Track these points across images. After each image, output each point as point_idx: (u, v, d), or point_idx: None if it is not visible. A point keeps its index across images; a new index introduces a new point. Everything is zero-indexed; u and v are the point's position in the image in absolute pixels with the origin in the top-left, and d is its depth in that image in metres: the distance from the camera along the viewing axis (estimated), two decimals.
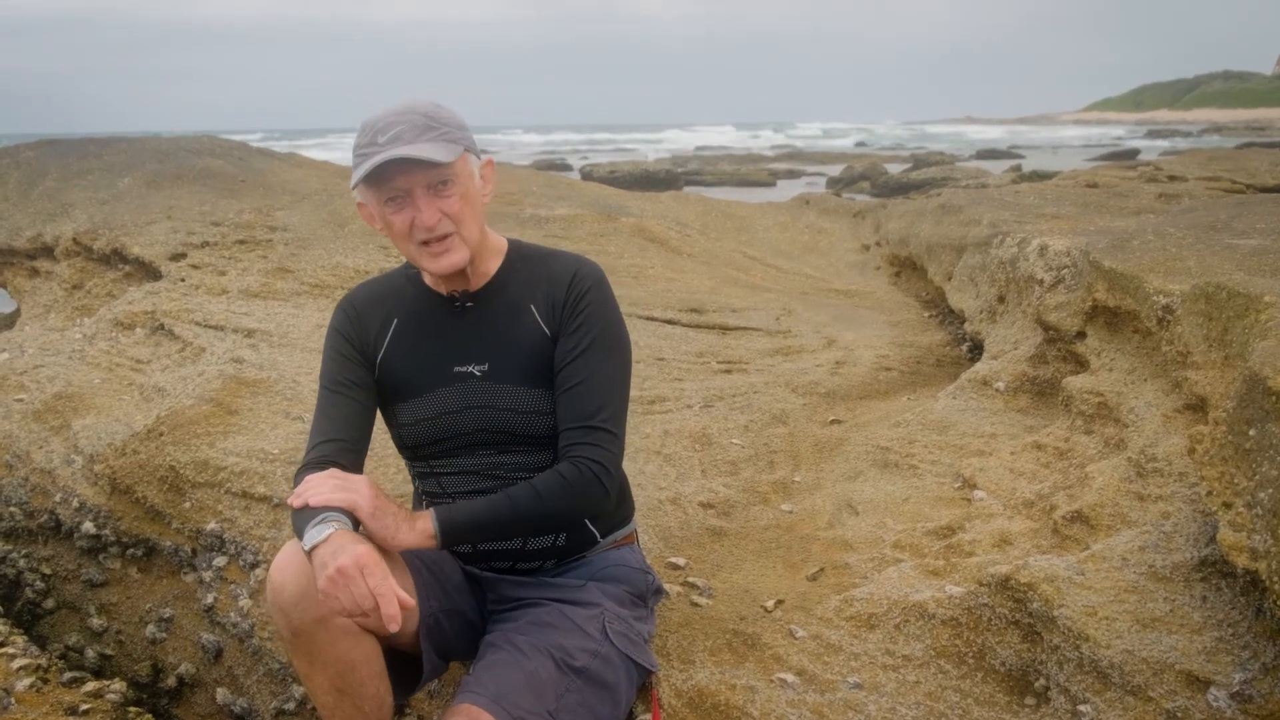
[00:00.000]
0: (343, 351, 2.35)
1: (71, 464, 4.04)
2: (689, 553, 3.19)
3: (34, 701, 2.85)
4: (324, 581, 1.87)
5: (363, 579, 1.85)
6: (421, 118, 2.13)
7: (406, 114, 2.13)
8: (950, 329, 6.21)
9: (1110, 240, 4.00)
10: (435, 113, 2.16)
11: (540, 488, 2.19)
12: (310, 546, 1.94)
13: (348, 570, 1.85)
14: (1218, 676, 2.06)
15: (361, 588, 1.85)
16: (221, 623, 3.38)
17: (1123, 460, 2.99)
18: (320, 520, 1.97)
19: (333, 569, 1.86)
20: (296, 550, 2.04)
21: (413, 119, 2.12)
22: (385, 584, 1.86)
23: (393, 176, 2.13)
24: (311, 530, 1.96)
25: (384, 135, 2.10)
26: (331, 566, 1.86)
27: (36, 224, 7.44)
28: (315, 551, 1.92)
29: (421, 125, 2.12)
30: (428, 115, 2.14)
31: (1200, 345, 2.94)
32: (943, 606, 2.58)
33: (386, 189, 2.16)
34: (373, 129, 2.12)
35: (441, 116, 2.16)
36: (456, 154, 2.14)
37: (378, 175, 2.12)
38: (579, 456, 2.21)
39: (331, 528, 1.95)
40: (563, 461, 2.23)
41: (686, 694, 2.40)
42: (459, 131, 2.19)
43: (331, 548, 1.90)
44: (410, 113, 2.14)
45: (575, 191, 9.60)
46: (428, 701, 2.89)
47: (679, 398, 4.59)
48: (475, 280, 2.34)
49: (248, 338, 5.06)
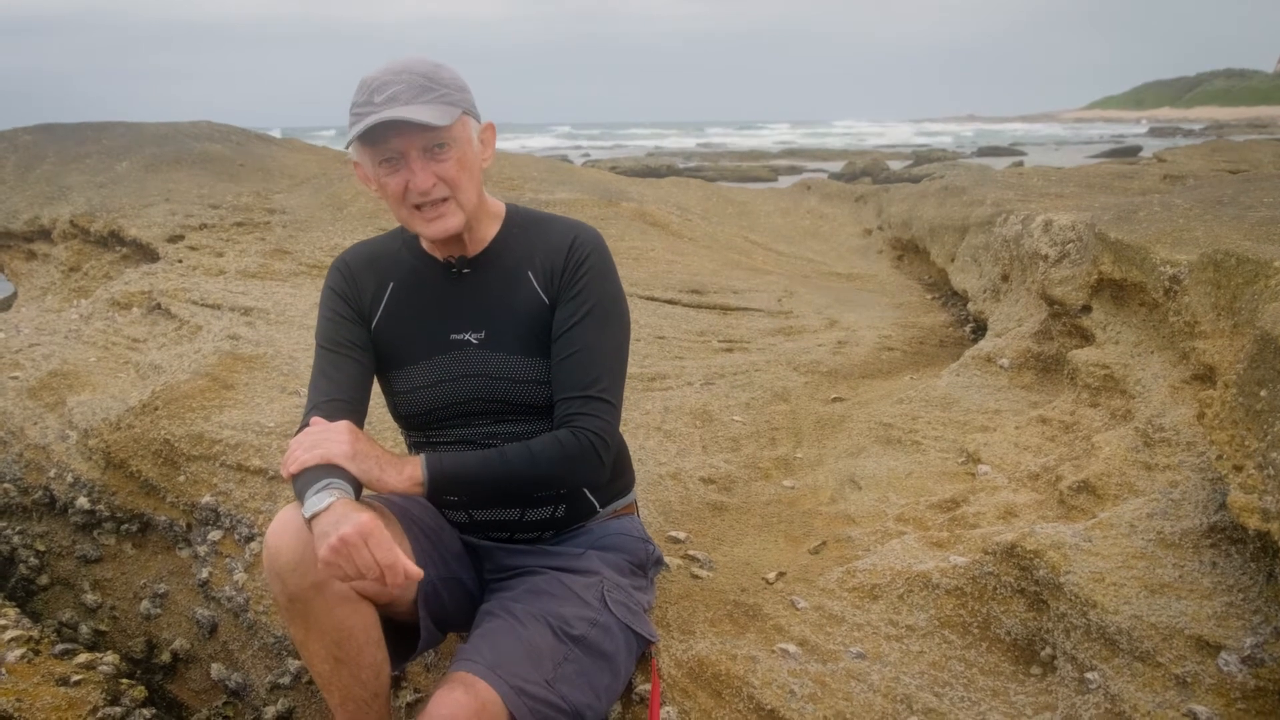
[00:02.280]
0: (340, 312, 2.30)
1: (66, 439, 4.00)
2: (689, 527, 3.15)
3: (25, 672, 2.82)
4: (326, 550, 1.81)
5: (366, 548, 1.80)
6: (420, 78, 2.06)
7: (404, 73, 2.06)
8: (953, 310, 6.17)
9: (1116, 213, 3.96)
10: (434, 73, 2.09)
11: (535, 449, 2.14)
12: (311, 514, 1.89)
13: (350, 539, 1.80)
14: (1228, 641, 2.02)
15: (365, 556, 1.80)
16: (216, 597, 3.34)
17: (1130, 430, 2.94)
18: (322, 487, 1.92)
19: (335, 538, 1.80)
20: (293, 514, 1.99)
21: (410, 79, 2.06)
22: (391, 553, 1.82)
23: (387, 138, 2.07)
24: (312, 498, 1.91)
25: (380, 95, 2.04)
26: (334, 535, 1.81)
27: (34, 207, 7.40)
28: (316, 520, 1.87)
29: (419, 86, 2.06)
30: (426, 75, 2.07)
31: (1209, 314, 2.90)
32: (947, 576, 2.55)
33: (381, 150, 2.10)
34: (369, 87, 2.05)
35: (441, 77, 2.10)
36: (454, 117, 2.08)
37: (372, 136, 2.06)
38: (577, 425, 2.16)
39: (333, 496, 1.89)
40: (560, 428, 2.18)
41: (687, 664, 2.37)
42: (458, 93, 2.12)
43: (333, 516, 1.84)
44: (408, 72, 2.07)
45: (575, 177, 9.55)
46: (424, 675, 2.85)
47: (680, 375, 4.55)
48: (472, 246, 2.28)
49: (245, 316, 5.02)
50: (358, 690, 2.15)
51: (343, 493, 1.92)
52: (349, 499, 1.91)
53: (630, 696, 2.35)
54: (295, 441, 2.04)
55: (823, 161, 41.57)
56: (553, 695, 1.99)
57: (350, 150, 2.16)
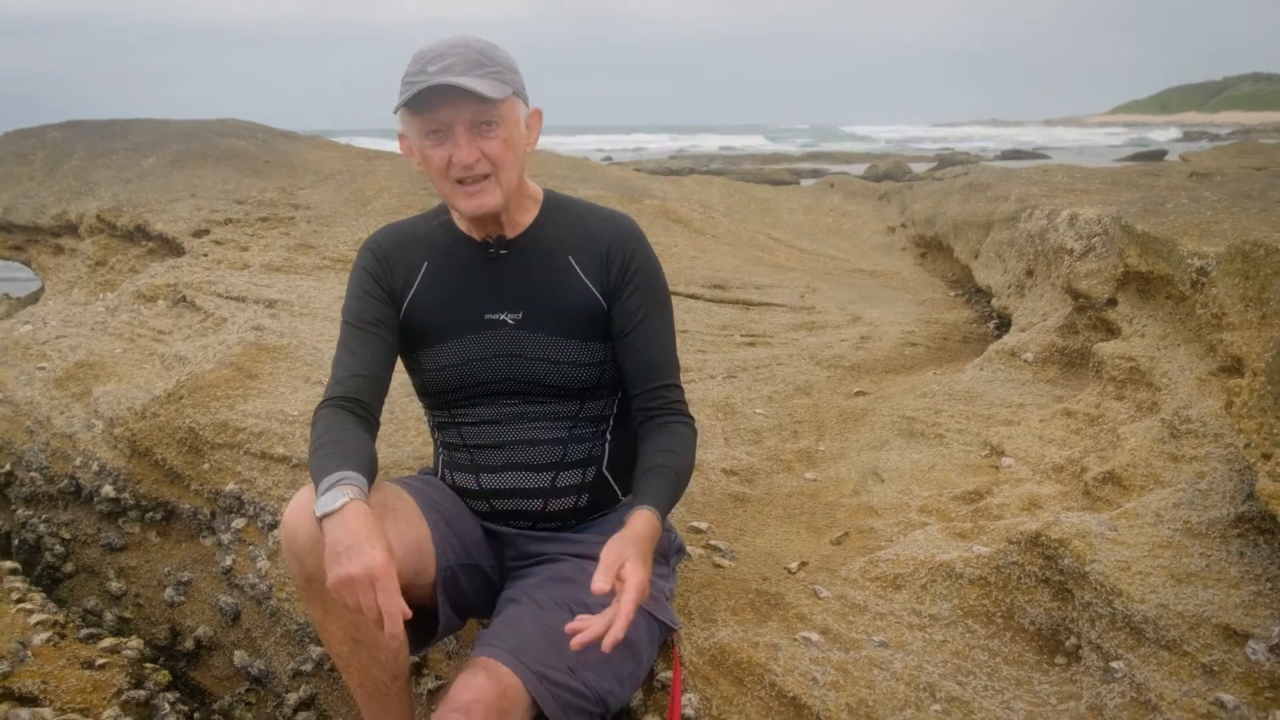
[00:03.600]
0: (370, 291, 2.30)
1: (92, 428, 4.04)
2: (711, 517, 3.14)
3: (50, 655, 2.84)
4: (333, 580, 1.81)
5: (372, 591, 1.79)
6: (475, 53, 2.08)
7: (460, 46, 2.08)
8: (976, 307, 6.14)
9: (1143, 206, 3.92)
10: (489, 51, 2.11)
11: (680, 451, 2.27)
12: (321, 514, 1.88)
13: (358, 581, 1.79)
14: (1256, 629, 1.99)
15: (370, 599, 1.79)
16: (239, 585, 3.36)
17: (1156, 422, 2.92)
18: (336, 482, 1.91)
19: (344, 573, 1.79)
20: (311, 496, 1.99)
21: (465, 52, 2.07)
22: (394, 602, 1.80)
23: (437, 107, 2.08)
24: (323, 496, 1.90)
25: (435, 65, 2.05)
26: (344, 570, 1.79)
27: (61, 202, 7.47)
28: (327, 525, 1.86)
29: (474, 60, 2.07)
30: (481, 52, 2.09)
31: (1236, 305, 2.87)
32: (970, 566, 2.53)
33: (429, 120, 2.10)
34: (424, 58, 2.07)
35: (495, 56, 2.11)
36: (504, 93, 2.09)
37: (421, 103, 2.07)
38: (681, 414, 2.32)
39: (345, 496, 1.88)
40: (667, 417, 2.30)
41: (708, 651, 2.36)
42: (510, 74, 2.14)
43: (345, 539, 1.82)
44: (464, 46, 2.09)
45: (598, 174, 9.56)
46: (446, 662, 2.86)
47: (702, 368, 4.54)
48: (510, 228, 2.29)
49: (269, 308, 5.05)
50: (376, 671, 2.16)
51: (356, 491, 1.91)
52: (360, 503, 1.89)
53: (652, 683, 2.34)
54: None
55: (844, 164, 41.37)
56: (575, 681, 1.99)
57: (397, 118, 2.17)
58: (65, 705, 2.65)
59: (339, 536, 1.83)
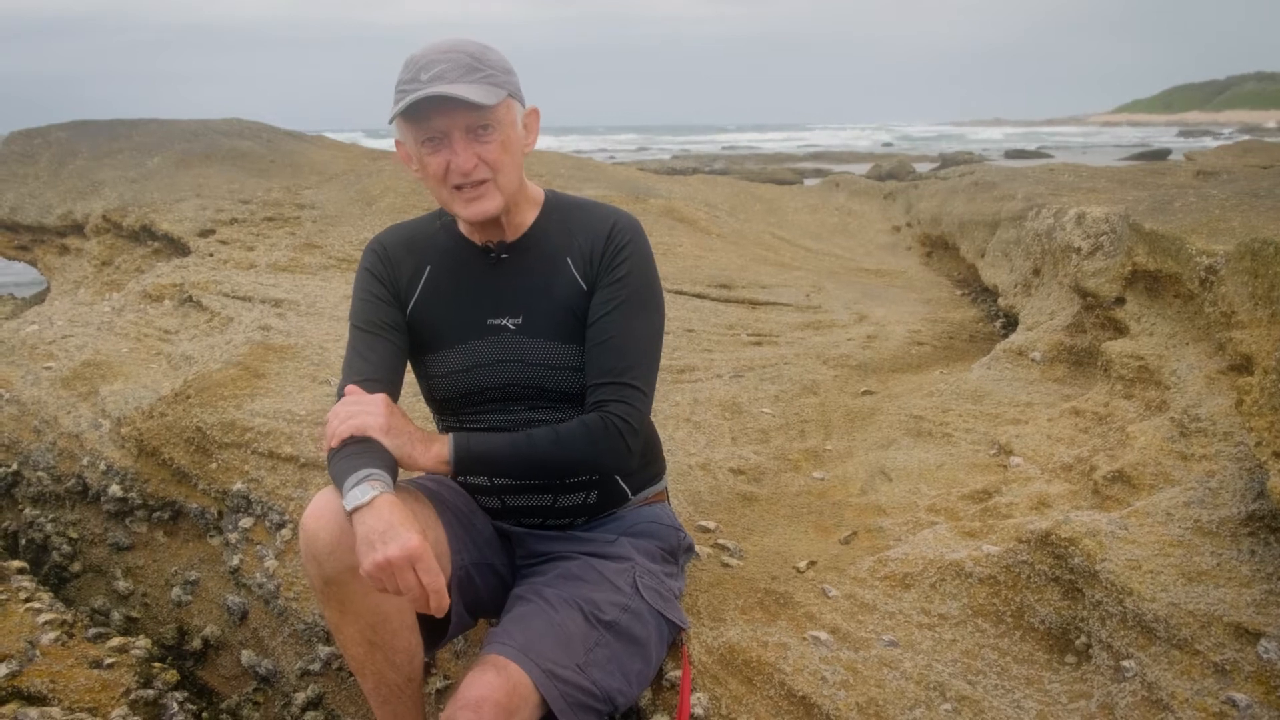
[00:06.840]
0: (376, 293, 2.28)
1: (99, 428, 4.04)
2: (719, 516, 3.14)
3: (58, 654, 2.84)
4: (370, 565, 1.79)
5: (413, 572, 1.79)
6: (467, 58, 2.05)
7: (452, 52, 2.05)
8: (983, 306, 6.13)
9: (1151, 204, 3.92)
10: (482, 54, 2.08)
11: (562, 433, 2.13)
12: (352, 508, 1.86)
13: (398, 563, 1.78)
14: (1268, 628, 1.98)
15: (410, 579, 1.79)
16: (247, 584, 3.36)
17: (1165, 420, 2.91)
18: (362, 478, 1.90)
19: (382, 557, 1.78)
20: (331, 498, 1.98)
21: (458, 58, 2.04)
22: (437, 579, 1.81)
23: (430, 116, 2.05)
24: (352, 490, 1.88)
25: (426, 73, 2.02)
26: (381, 554, 1.78)
27: (67, 202, 7.48)
28: (358, 517, 1.85)
29: (466, 65, 2.04)
30: (474, 56, 2.06)
31: (1246, 304, 2.86)
32: (980, 565, 2.52)
33: (424, 128, 2.08)
34: (416, 65, 2.04)
35: (488, 59, 2.08)
36: (499, 98, 2.06)
37: (415, 113, 2.05)
38: (606, 411, 2.15)
39: (374, 490, 1.87)
40: (589, 413, 2.16)
41: (717, 651, 2.35)
42: (505, 76, 2.10)
43: (379, 526, 1.82)
44: (456, 51, 2.05)
45: (603, 174, 9.56)
46: (454, 662, 2.85)
47: (708, 368, 4.54)
48: (511, 231, 2.27)
49: (275, 307, 5.05)
50: (391, 674, 2.15)
51: (384, 485, 1.90)
52: (390, 495, 1.88)
53: (661, 682, 2.34)
54: (333, 413, 2.04)
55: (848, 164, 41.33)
56: (584, 679, 1.98)
57: (392, 127, 2.16)
58: (74, 704, 2.64)
59: (372, 525, 1.82)
